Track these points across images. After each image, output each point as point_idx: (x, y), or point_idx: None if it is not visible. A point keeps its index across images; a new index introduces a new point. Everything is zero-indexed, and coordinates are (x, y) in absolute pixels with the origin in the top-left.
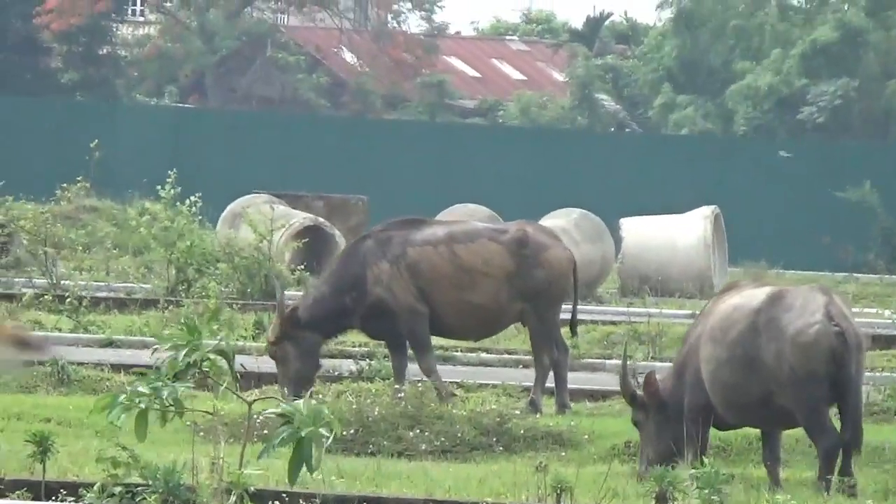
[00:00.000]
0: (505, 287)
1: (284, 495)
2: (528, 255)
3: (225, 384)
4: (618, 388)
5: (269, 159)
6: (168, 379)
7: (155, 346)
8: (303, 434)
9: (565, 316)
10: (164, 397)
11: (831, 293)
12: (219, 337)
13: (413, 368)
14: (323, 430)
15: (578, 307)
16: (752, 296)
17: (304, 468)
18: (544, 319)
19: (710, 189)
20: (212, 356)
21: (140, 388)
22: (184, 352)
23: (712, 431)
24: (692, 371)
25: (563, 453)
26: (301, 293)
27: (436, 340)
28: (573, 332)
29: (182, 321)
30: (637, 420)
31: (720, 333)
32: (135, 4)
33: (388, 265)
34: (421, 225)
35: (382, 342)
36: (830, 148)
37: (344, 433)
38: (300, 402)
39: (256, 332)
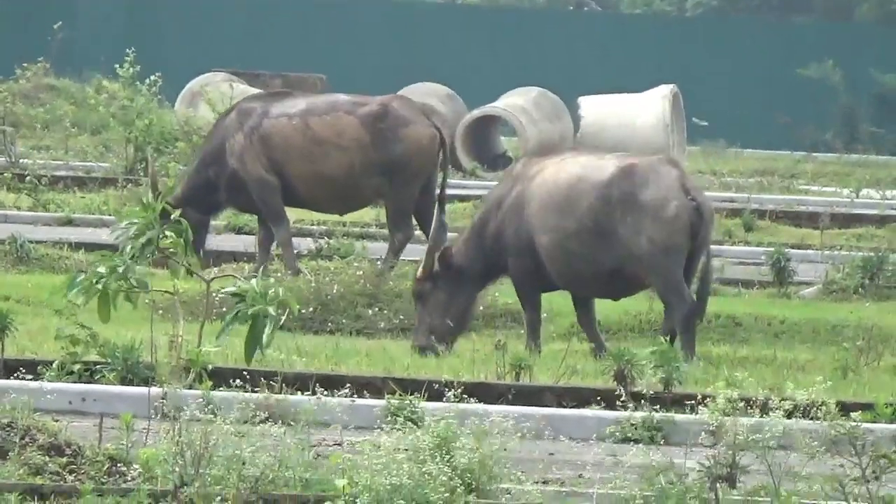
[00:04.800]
0: (359, 160)
1: (244, 373)
2: (386, 128)
3: (183, 262)
4: None
5: (229, 38)
6: (129, 258)
7: (115, 229)
8: (251, 312)
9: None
10: (130, 277)
11: (680, 165)
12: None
13: (373, 247)
14: (274, 308)
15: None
16: (599, 167)
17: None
18: (400, 195)
19: (669, 68)
20: (169, 233)
21: (100, 269)
22: (138, 230)
23: None
24: (516, 236)
25: (522, 331)
26: None
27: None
28: (441, 209)
29: (139, 199)
30: (421, 291)
31: (566, 204)
32: None
33: (243, 137)
34: (284, 97)
35: (342, 220)
36: (791, 26)
37: (302, 311)
38: (254, 280)
39: None
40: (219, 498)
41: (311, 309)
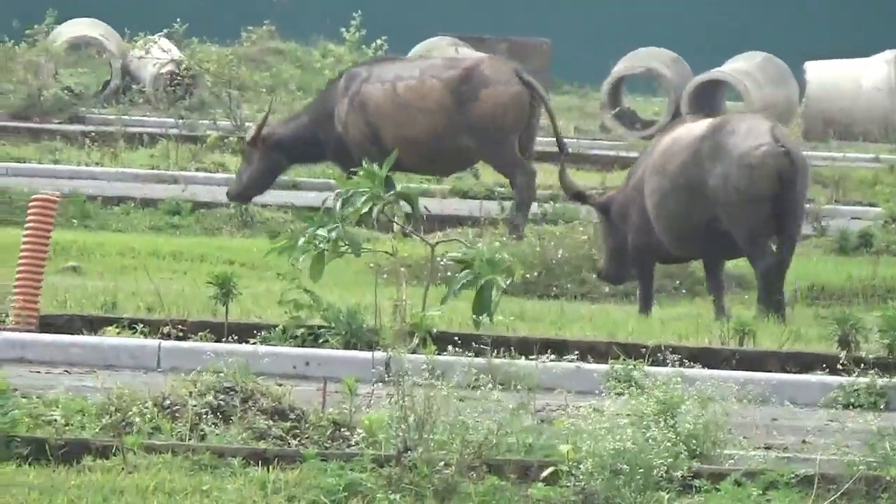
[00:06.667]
0: (442, 122)
1: (468, 337)
2: (468, 90)
3: (408, 227)
4: (804, 230)
5: (454, 1)
6: (345, 221)
7: (337, 191)
8: (481, 280)
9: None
10: (343, 239)
11: (774, 119)
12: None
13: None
14: (502, 276)
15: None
16: (694, 126)
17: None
18: (499, 152)
19: (893, 30)
20: (391, 198)
21: (318, 231)
22: (363, 198)
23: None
24: (637, 211)
25: (746, 296)
26: None
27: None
28: (563, 151)
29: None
30: (598, 217)
31: (662, 164)
32: None
33: (347, 102)
34: (386, 63)
35: None
36: None
37: (527, 276)
38: (482, 246)
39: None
40: (442, 463)
41: (535, 273)
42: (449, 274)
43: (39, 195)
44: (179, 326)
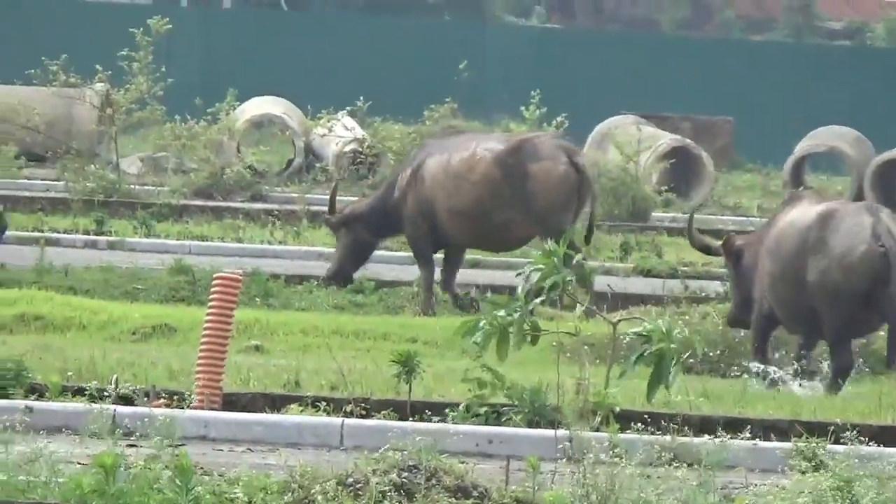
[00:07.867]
0: (488, 194)
1: (647, 416)
2: (515, 164)
3: (591, 306)
4: None
5: (636, 80)
6: (526, 301)
7: (519, 272)
8: (655, 350)
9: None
10: (526, 320)
11: (879, 213)
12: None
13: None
14: (677, 347)
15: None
16: (806, 213)
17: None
18: (548, 230)
19: None
20: (571, 278)
21: (500, 313)
22: (541, 276)
23: None
24: (759, 282)
25: None
26: (668, 214)
27: None
28: (587, 241)
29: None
30: (726, 265)
31: (775, 248)
32: None
33: (410, 172)
34: (456, 136)
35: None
36: None
37: (710, 354)
38: (661, 321)
39: (623, 253)
40: None
41: (718, 352)
42: (626, 353)
43: (223, 273)
44: (363, 405)
